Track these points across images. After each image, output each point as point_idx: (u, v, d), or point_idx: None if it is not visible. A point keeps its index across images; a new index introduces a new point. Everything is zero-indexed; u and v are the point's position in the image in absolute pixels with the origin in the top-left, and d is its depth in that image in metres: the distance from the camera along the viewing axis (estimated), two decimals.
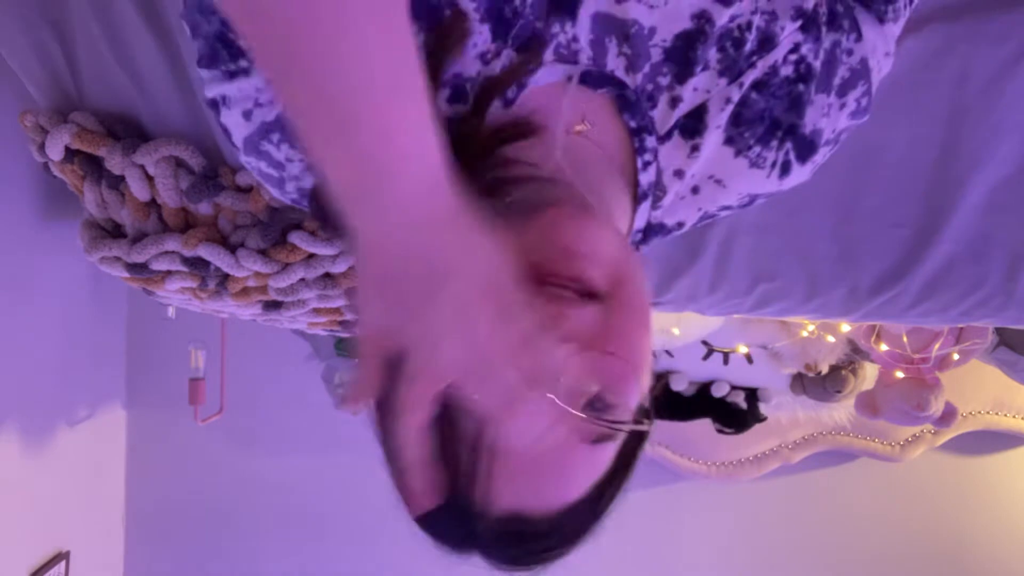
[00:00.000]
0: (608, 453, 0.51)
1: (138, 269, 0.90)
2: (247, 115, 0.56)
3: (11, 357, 1.48)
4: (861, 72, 0.63)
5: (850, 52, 0.62)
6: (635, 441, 0.54)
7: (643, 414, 0.52)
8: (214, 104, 0.57)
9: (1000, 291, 0.92)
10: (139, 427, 2.08)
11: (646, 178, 0.61)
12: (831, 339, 1.61)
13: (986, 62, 0.81)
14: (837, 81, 0.62)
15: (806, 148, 0.64)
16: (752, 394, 1.83)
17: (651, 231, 0.68)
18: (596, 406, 0.49)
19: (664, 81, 0.60)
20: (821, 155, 0.65)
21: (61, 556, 1.74)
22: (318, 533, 2.15)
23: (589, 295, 0.49)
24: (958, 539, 2.10)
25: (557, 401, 0.46)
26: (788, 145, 0.63)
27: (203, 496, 2.14)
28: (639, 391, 0.50)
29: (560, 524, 0.51)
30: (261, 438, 2.12)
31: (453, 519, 0.50)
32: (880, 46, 0.64)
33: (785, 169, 0.64)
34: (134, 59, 0.85)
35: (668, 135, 0.62)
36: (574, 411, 0.47)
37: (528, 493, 0.49)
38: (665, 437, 2.01)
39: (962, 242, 0.90)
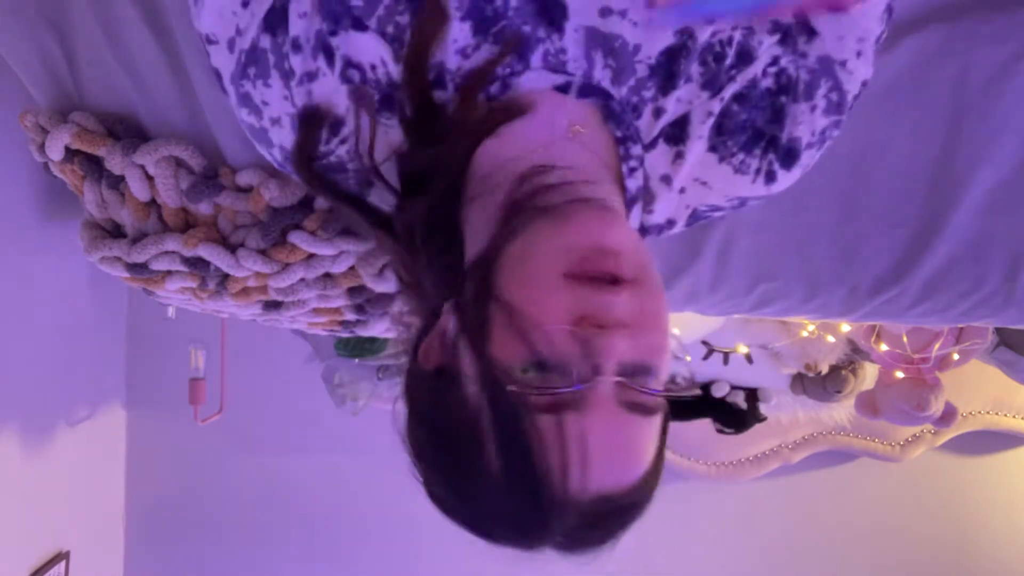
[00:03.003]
0: (659, 417, 0.56)
1: (138, 269, 0.90)
2: (231, 46, 0.60)
3: (11, 357, 1.48)
4: (821, 71, 0.63)
5: (804, 55, 0.63)
6: (668, 406, 0.59)
7: (688, 379, 0.58)
8: (207, 41, 0.61)
9: (1000, 291, 0.92)
10: (139, 427, 2.08)
11: (633, 183, 0.65)
12: (831, 339, 1.61)
13: (986, 62, 0.81)
14: (802, 88, 0.63)
15: (788, 157, 0.65)
16: (752, 394, 1.83)
17: (645, 231, 0.71)
18: (650, 379, 0.54)
19: (648, 94, 0.62)
20: (807, 157, 0.66)
21: (61, 556, 1.74)
22: (318, 533, 2.15)
23: (620, 282, 0.53)
24: (958, 539, 2.10)
25: (626, 382, 0.52)
26: (771, 156, 0.65)
27: (203, 496, 2.14)
28: (670, 360, 0.56)
29: (637, 496, 0.55)
30: (261, 438, 2.12)
31: (539, 516, 0.52)
32: (849, 33, 0.63)
33: (771, 177, 0.66)
34: (134, 59, 0.85)
35: (653, 144, 0.64)
36: (639, 388, 0.53)
37: (612, 474, 0.53)
38: None
39: (962, 242, 0.90)
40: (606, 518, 0.54)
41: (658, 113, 0.63)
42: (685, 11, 0.53)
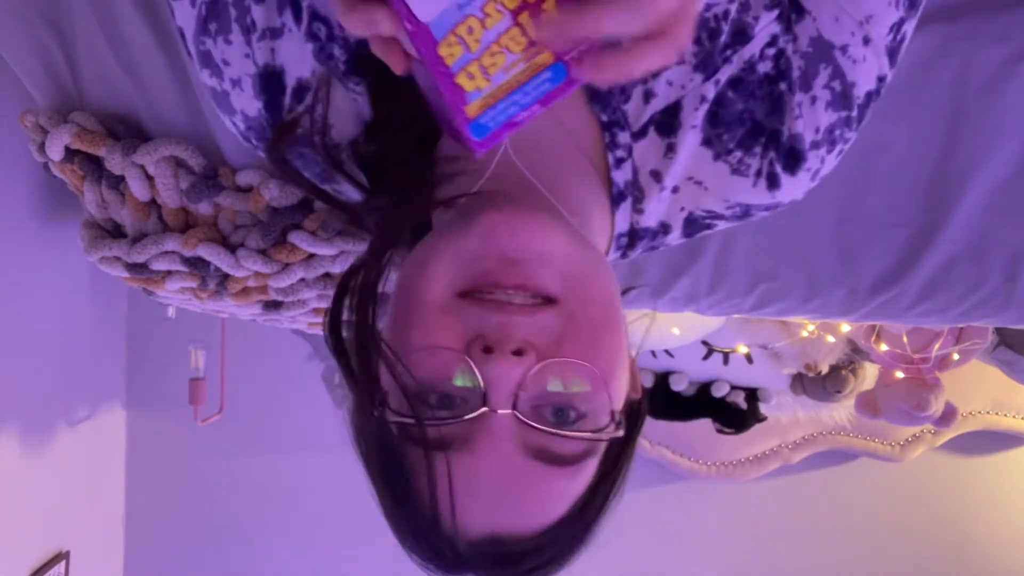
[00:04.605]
0: (589, 469, 0.48)
1: (138, 269, 0.90)
2: (193, 0, 0.55)
3: (11, 357, 1.48)
4: (817, 56, 0.54)
5: (796, 37, 0.55)
6: (619, 447, 0.50)
7: (616, 419, 0.48)
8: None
9: (1000, 291, 0.92)
10: (139, 427, 2.08)
11: (621, 176, 0.58)
12: (831, 339, 1.61)
13: (986, 62, 0.81)
14: (796, 74, 0.55)
15: (790, 157, 0.57)
16: (752, 394, 1.83)
17: (636, 235, 0.63)
18: (563, 417, 0.46)
19: None
20: (815, 160, 0.58)
21: (61, 556, 1.74)
22: (318, 533, 2.15)
23: (543, 300, 0.46)
24: (958, 539, 2.10)
25: (519, 417, 0.44)
26: (772, 154, 0.57)
27: (203, 496, 2.14)
28: (609, 397, 0.47)
29: (544, 543, 0.48)
30: (261, 438, 2.12)
31: (433, 546, 0.47)
32: (846, 14, 0.54)
33: (773, 181, 0.58)
34: (134, 59, 0.85)
35: (643, 132, 0.58)
36: (538, 426, 0.44)
37: (502, 517, 0.46)
38: (665, 437, 2.01)
39: (962, 242, 0.90)
40: (504, 560, 0.48)
41: (648, 96, 0.56)
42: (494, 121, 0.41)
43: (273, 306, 0.97)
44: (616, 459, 0.51)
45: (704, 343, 1.71)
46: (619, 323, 0.49)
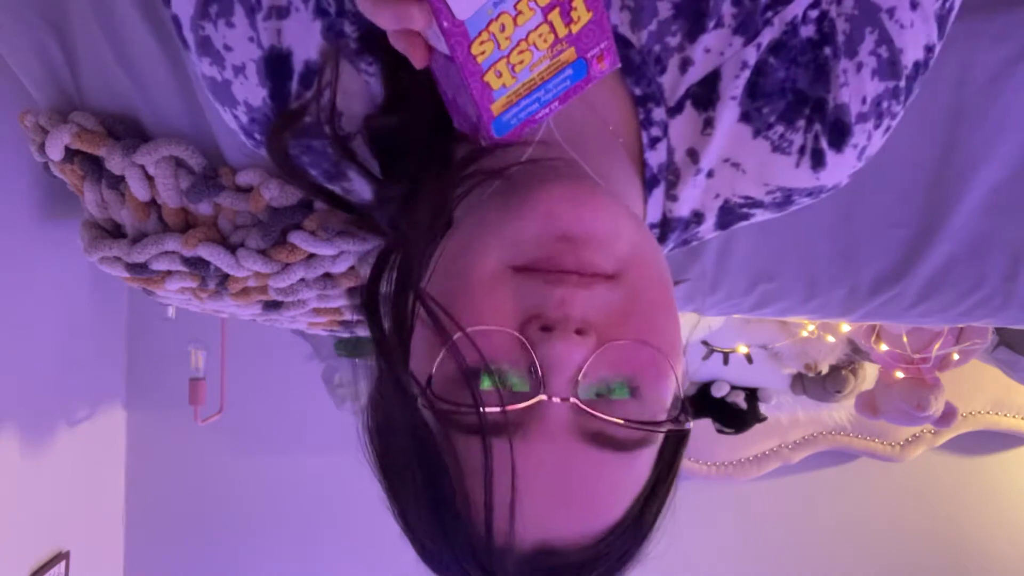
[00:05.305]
0: (646, 460, 0.44)
1: (138, 269, 0.90)
2: None
3: (11, 357, 1.48)
4: (863, 19, 0.51)
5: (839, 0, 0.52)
6: (677, 441, 0.47)
7: (681, 409, 0.45)
8: None
9: (1000, 291, 0.92)
10: (139, 427, 2.08)
11: (655, 158, 0.54)
12: (831, 339, 1.61)
13: (986, 62, 0.81)
14: (841, 38, 0.51)
15: (836, 130, 0.53)
16: (752, 394, 1.83)
17: (668, 226, 0.59)
18: (631, 403, 0.42)
19: (673, 41, 0.51)
20: (862, 135, 0.54)
21: (61, 556, 1.74)
22: (318, 533, 2.15)
23: (600, 277, 0.42)
24: (958, 539, 2.10)
25: (579, 403, 0.40)
26: (816, 127, 0.53)
27: (203, 496, 2.14)
28: (673, 382, 0.43)
29: (600, 552, 0.43)
30: (261, 438, 2.12)
31: (477, 559, 0.42)
32: None
33: (817, 158, 0.54)
34: (134, 59, 0.85)
35: (679, 107, 0.54)
36: (598, 414, 0.40)
37: (557, 522, 0.42)
38: None
39: (962, 242, 0.90)
40: (556, 574, 0.43)
41: (685, 66, 0.52)
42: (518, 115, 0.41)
43: (273, 306, 0.97)
44: (672, 458, 0.47)
45: (704, 343, 1.71)
46: (675, 308, 0.45)
